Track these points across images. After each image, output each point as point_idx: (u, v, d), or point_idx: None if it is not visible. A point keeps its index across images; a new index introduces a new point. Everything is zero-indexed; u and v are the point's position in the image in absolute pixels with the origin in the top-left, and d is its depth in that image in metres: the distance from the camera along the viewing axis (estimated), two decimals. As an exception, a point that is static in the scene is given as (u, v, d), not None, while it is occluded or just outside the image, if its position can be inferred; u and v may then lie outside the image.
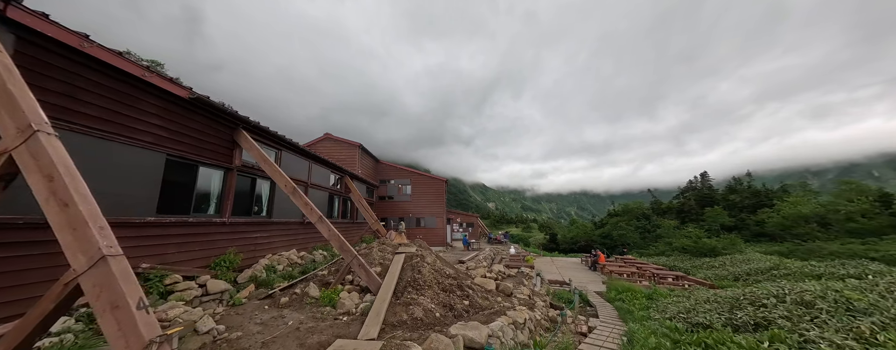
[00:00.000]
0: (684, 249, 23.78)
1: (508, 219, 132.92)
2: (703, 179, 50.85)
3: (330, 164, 10.35)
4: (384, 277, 5.80)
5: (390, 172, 24.71)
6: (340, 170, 11.48)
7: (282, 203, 7.54)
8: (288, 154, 7.67)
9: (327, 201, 10.26)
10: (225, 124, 5.79)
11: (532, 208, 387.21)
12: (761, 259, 17.21)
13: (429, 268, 6.25)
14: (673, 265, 20.60)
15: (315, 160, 8.98)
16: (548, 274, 18.38)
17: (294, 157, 8.02)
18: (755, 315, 5.01)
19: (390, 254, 7.34)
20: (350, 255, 5.54)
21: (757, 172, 53.08)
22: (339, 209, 11.76)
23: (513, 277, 12.63)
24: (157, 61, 21.14)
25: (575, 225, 64.18)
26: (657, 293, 9.66)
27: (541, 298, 9.22)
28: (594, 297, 11.52)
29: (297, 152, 8.07)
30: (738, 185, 47.46)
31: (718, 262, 18.71)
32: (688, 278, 14.27)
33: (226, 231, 5.68)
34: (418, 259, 6.74)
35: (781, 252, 20.53)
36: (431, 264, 6.58)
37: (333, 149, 19.05)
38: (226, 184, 5.83)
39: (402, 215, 24.11)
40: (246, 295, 5.13)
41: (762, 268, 14.73)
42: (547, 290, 11.83)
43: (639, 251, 32.05)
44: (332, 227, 5.60)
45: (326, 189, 10.07)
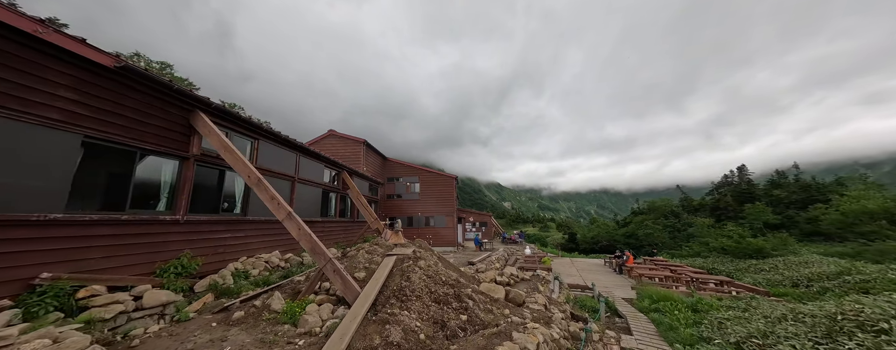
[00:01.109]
0: (724, 250, 21.17)
1: (524, 218, 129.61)
2: (740, 174, 46.41)
3: (323, 159, 9.48)
4: (366, 286, 4.74)
5: (398, 170, 23.88)
6: (336, 164, 10.61)
7: (261, 199, 6.71)
8: (267, 144, 6.80)
9: (321, 198, 9.42)
10: (176, 105, 4.94)
11: (549, 207, 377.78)
12: (823, 262, 14.70)
13: (420, 273, 5.12)
14: (712, 268, 18.27)
15: (304, 153, 8.12)
16: (567, 277, 16.75)
17: (276, 148, 7.14)
18: (875, 346, 3.48)
19: (381, 256, 6.28)
20: (323, 259, 4.52)
21: (794, 170, 47.71)
22: (337, 207, 10.90)
23: (527, 282, 11.25)
24: (181, 78, 21.39)
25: (596, 224, 60.97)
26: (703, 303, 7.99)
27: (559, 308, 7.85)
28: (623, 306, 9.93)
29: (280, 143, 7.20)
30: (782, 180, 42.84)
31: (768, 265, 16.26)
32: (734, 284, 12.24)
33: (179, 231, 4.81)
34: (410, 263, 5.63)
35: (845, 254, 17.63)
36: (425, 269, 5.44)
37: (338, 145, 18.41)
38: (181, 175, 4.98)
39: (411, 215, 23.19)
40: (198, 308, 4.23)
41: (827, 272, 12.39)
42: (566, 297, 10.37)
43: (669, 252, 29.33)
44: (302, 225, 4.60)
45: (319, 185, 9.23)
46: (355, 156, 18.15)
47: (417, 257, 5.98)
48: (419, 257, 6.01)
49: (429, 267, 5.61)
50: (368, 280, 5.10)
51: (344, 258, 6.39)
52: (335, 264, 4.53)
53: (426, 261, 6.03)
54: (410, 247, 7.76)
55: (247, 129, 6.30)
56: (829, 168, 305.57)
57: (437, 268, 7.11)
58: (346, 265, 5.72)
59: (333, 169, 10.66)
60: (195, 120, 5.11)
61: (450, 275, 7.45)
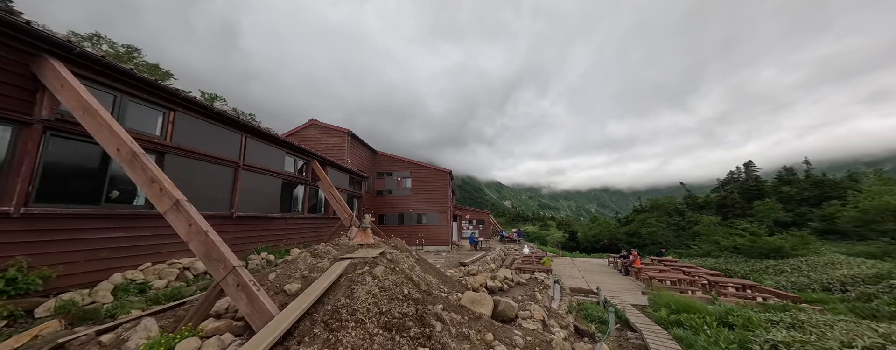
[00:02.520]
0: (737, 249, 19.81)
1: (525, 216, 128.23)
2: (747, 170, 44.89)
3: (284, 144, 8.07)
4: (290, 304, 3.36)
5: (389, 164, 22.49)
6: (303, 152, 9.20)
7: (190, 187, 5.31)
8: (189, 118, 5.19)
9: (281, 191, 8.02)
10: (13, 48, 3.47)
11: (549, 206, 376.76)
12: (851, 263, 13.30)
13: (371, 285, 3.73)
14: (726, 269, 16.89)
15: (253, 134, 6.70)
16: (569, 279, 15.37)
17: (205, 125, 5.56)
18: None
19: (333, 260, 4.87)
20: (221, 267, 3.13)
21: (800, 167, 46.30)
22: (306, 202, 9.50)
23: (523, 286, 9.87)
24: (153, 65, 19.80)
25: (597, 222, 59.57)
26: (734, 315, 6.59)
27: (560, 322, 6.47)
28: (636, 316, 8.55)
29: (212, 118, 5.70)
30: (791, 176, 41.34)
31: (789, 266, 14.89)
32: (759, 288, 10.84)
33: (12, 229, 3.37)
34: (364, 270, 4.23)
35: (871, 254, 16.25)
36: (381, 278, 4.05)
37: (320, 136, 17.01)
38: (16, 148, 3.56)
39: (402, 211, 21.82)
40: (16, 345, 2.81)
41: (862, 275, 11.00)
42: (569, 305, 8.99)
43: (676, 251, 27.93)
44: (196, 220, 3.21)
45: (279, 175, 7.82)
46: (339, 147, 16.76)
47: (375, 262, 4.59)
48: (378, 263, 4.61)
49: (387, 275, 4.21)
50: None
51: (276, 265, 4.99)
52: (240, 275, 3.13)
53: (387, 266, 4.64)
54: (379, 247, 6.36)
55: (149, 93, 4.72)
56: (831, 166, 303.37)
57: (409, 274, 5.74)
58: (278, 274, 4.32)
59: (300, 157, 9.26)
60: (42, 70, 3.61)
61: (429, 281, 6.07)
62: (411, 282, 5.61)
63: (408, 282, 4.48)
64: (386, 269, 4.35)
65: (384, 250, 6.38)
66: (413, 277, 5.95)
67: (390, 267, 5.57)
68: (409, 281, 5.70)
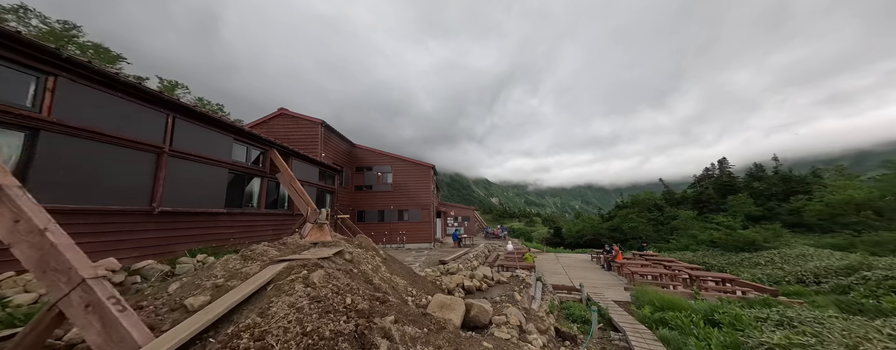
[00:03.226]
0: (714, 243, 20.26)
1: (511, 213, 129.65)
2: (721, 166, 46.72)
3: (231, 128, 6.98)
4: (176, 327, 2.50)
5: (369, 158, 21.44)
6: (257, 139, 8.13)
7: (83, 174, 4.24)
8: (80, 87, 3.99)
9: (228, 183, 6.96)
10: None
11: (535, 203, 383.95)
12: (821, 255, 13.65)
13: (298, 296, 2.93)
14: (703, 262, 17.13)
15: (186, 114, 5.58)
16: (552, 275, 15.05)
17: (110, 98, 4.34)
18: None
19: (267, 264, 4.01)
20: (63, 282, 2.22)
21: (769, 163, 49.11)
22: (263, 196, 8.46)
23: (504, 285, 9.30)
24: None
25: (581, 218, 60.64)
26: (721, 312, 6.25)
27: (540, 325, 5.89)
28: (619, 314, 8.16)
29: (118, 89, 4.54)
30: (761, 172, 43.34)
31: (763, 259, 15.21)
32: (738, 282, 10.81)
33: None
34: (297, 276, 3.41)
35: (837, 245, 16.93)
36: (317, 285, 3.24)
37: (290, 127, 15.76)
38: None
39: (383, 208, 20.88)
40: None
41: (834, 267, 11.20)
42: (550, 305, 8.49)
43: (656, 245, 28.53)
44: (26, 213, 2.26)
45: (225, 164, 6.73)
46: (311, 139, 15.59)
47: (317, 265, 3.77)
48: (320, 266, 3.79)
49: (328, 282, 3.40)
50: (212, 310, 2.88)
51: (174, 275, 4.06)
52: (93, 291, 2.24)
53: (339, 269, 3.83)
54: (336, 246, 5.53)
55: (10, 50, 3.55)
56: (795, 163, 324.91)
57: (370, 276, 4.96)
58: (184, 283, 3.43)
59: (255, 145, 8.19)
60: None
61: (395, 283, 5.30)
62: (370, 286, 4.84)
63: (356, 289, 3.70)
64: (328, 275, 3.55)
65: (342, 249, 5.56)
66: (374, 280, 5.17)
67: (346, 269, 4.77)
68: (369, 285, 4.93)
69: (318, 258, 4.51)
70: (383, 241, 20.03)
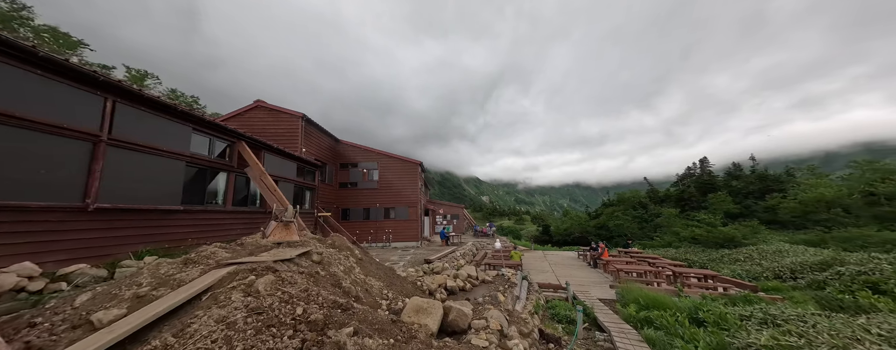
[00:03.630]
0: (695, 240, 20.74)
1: (501, 211, 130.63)
2: (702, 166, 48.25)
3: (189, 117, 6.33)
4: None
5: (354, 154, 20.77)
6: (221, 130, 7.46)
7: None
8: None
9: (186, 177, 6.27)
10: None
11: (525, 201, 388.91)
12: (796, 251, 14.07)
13: (231, 309, 2.49)
14: (686, 258, 17.45)
15: (127, 97, 4.89)
16: (539, 274, 14.94)
17: (20, 73, 3.65)
18: None
19: (212, 268, 3.51)
20: None
21: (746, 163, 51.71)
22: (230, 192, 7.82)
23: (488, 284, 9.03)
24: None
25: (568, 216, 61.55)
26: (705, 310, 6.15)
27: (522, 328, 5.60)
28: (604, 313, 8.02)
29: (33, 64, 3.81)
30: (739, 171, 45.00)
31: (742, 255, 15.59)
32: (720, 278, 10.93)
33: None
34: (238, 283, 2.95)
35: (810, 241, 17.59)
36: (262, 294, 2.81)
37: (267, 121, 14.95)
38: None
39: (369, 206, 20.29)
40: None
41: (809, 262, 11.50)
42: (536, 305, 8.27)
43: (641, 243, 29.09)
44: None
45: (179, 156, 6.07)
46: (291, 133, 14.84)
47: (269, 269, 3.31)
48: (274, 269, 3.33)
49: (277, 289, 2.96)
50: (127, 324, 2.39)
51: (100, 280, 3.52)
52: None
53: (267, 279, 3.36)
54: (303, 246, 5.06)
55: None
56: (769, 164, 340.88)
57: (340, 278, 4.53)
58: (98, 293, 2.90)
59: (219, 137, 7.54)
60: None
61: (368, 285, 4.91)
62: (337, 290, 4.40)
63: (315, 296, 3.27)
64: (279, 280, 3.09)
65: (309, 250, 5.09)
66: (344, 283, 4.74)
67: (311, 272, 4.32)
68: (336, 289, 4.49)
69: (278, 260, 4.04)
70: (369, 240, 19.49)
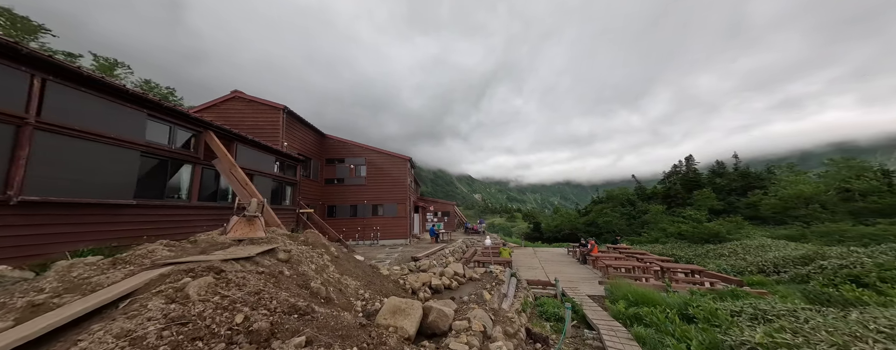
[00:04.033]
0: (681, 235, 21.06)
1: (493, 209, 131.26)
2: (688, 163, 49.37)
3: (143, 101, 5.70)
4: None
5: (340, 150, 20.11)
6: (183, 118, 6.85)
7: None
8: None
9: (142, 169, 5.66)
10: None
11: (517, 199, 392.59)
12: (777, 245, 14.34)
13: (140, 321, 2.02)
14: (672, 254, 17.64)
15: (61, 75, 4.24)
16: (528, 270, 14.77)
17: None
18: None
19: (143, 269, 3.02)
20: None
21: (729, 161, 53.60)
22: (195, 185, 7.20)
23: (476, 282, 8.72)
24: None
25: (559, 213, 62.16)
26: (694, 306, 5.99)
27: (508, 328, 5.30)
28: (593, 310, 7.83)
29: None
30: (722, 169, 46.26)
31: (727, 250, 15.83)
32: (706, 273, 10.96)
33: None
34: (161, 290, 2.48)
35: (791, 236, 18.06)
36: (193, 299, 2.35)
37: (246, 112, 14.18)
38: None
39: (356, 202, 19.71)
40: None
41: (791, 257, 11.67)
42: (524, 302, 8.02)
43: (629, 239, 29.48)
44: None
45: (132, 145, 5.42)
46: (272, 126, 14.12)
47: (211, 269, 2.85)
48: (215, 270, 2.88)
49: (214, 292, 2.51)
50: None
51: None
52: None
53: (202, 282, 2.91)
54: (268, 243, 4.59)
55: None
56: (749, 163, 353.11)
57: (309, 278, 4.10)
58: None
59: (183, 125, 6.91)
60: None
61: (344, 285, 4.51)
62: (304, 291, 3.98)
63: (267, 299, 2.83)
64: (221, 283, 2.64)
65: (275, 248, 4.62)
66: (313, 284, 4.31)
67: (273, 272, 3.87)
68: (302, 290, 4.06)
69: (232, 259, 3.57)
70: (356, 238, 18.95)
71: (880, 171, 22.87)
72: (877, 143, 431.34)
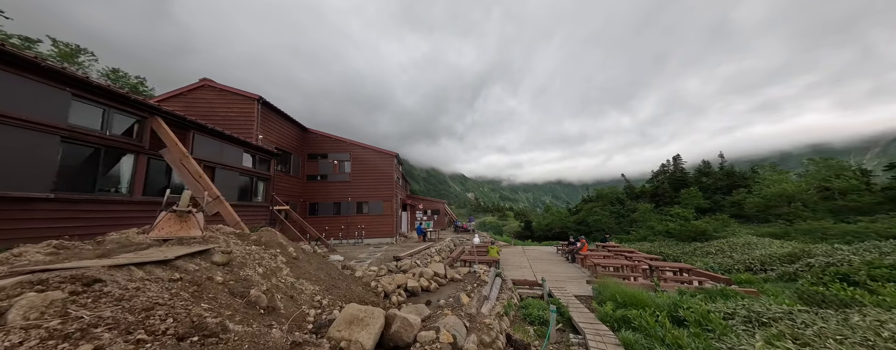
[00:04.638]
0: (668, 233, 21.08)
1: (485, 208, 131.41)
2: (675, 163, 50.16)
3: (53, 73, 4.92)
4: None
5: (323, 144, 19.26)
6: (123, 100, 6.05)
7: None
8: None
9: (65, 158, 4.89)
10: None
11: (509, 198, 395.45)
12: (762, 243, 14.33)
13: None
14: (660, 252, 17.54)
15: None
16: (516, 269, 14.34)
17: None
18: None
19: None
20: None
21: (715, 160, 55.20)
22: (138, 178, 6.40)
23: (457, 283, 8.19)
24: None
25: (549, 212, 62.41)
26: (685, 306, 5.60)
27: (485, 335, 4.77)
28: (580, 312, 7.39)
29: None
30: (708, 169, 47.13)
31: (713, 248, 15.79)
32: (695, 271, 10.73)
33: None
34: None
35: (775, 234, 18.23)
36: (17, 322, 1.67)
37: (216, 103, 13.21)
38: None
39: (340, 200, 18.91)
40: None
41: (777, 254, 11.58)
42: (507, 303, 7.52)
43: (618, 237, 29.53)
44: None
45: (51, 129, 4.65)
46: (245, 118, 13.21)
47: (77, 279, 2.20)
48: (84, 278, 2.22)
49: (54, 316, 1.85)
50: None
51: None
52: None
53: (135, 285, 2.28)
54: (201, 244, 3.92)
55: None
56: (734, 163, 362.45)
57: (246, 286, 3.49)
58: None
59: (122, 109, 6.10)
60: None
61: (299, 289, 3.90)
62: (237, 301, 3.35)
63: (151, 316, 2.20)
64: (94, 297, 2.00)
65: (209, 249, 3.96)
66: (253, 291, 3.67)
67: (195, 279, 3.22)
68: (234, 299, 3.42)
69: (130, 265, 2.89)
70: (339, 236, 18.19)
71: (859, 171, 23.44)
72: (850, 144, 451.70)
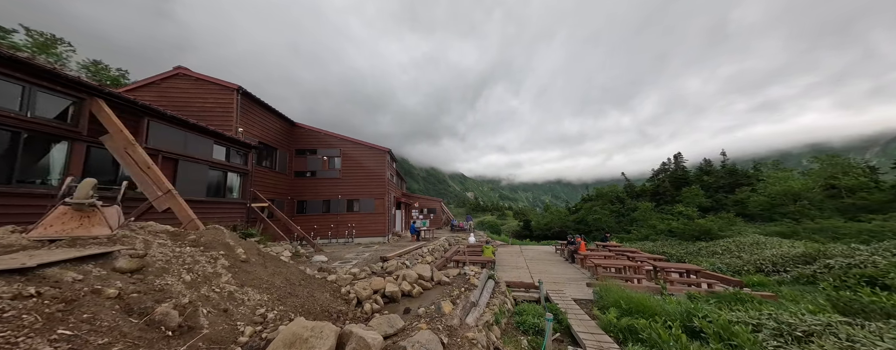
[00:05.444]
0: (671, 232, 20.32)
1: (484, 207, 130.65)
2: (676, 161, 49.39)
3: None
4: None
5: (312, 140, 18.47)
6: (49, 76, 5.26)
7: None
8: None
9: None
10: None
11: (509, 197, 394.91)
12: (771, 242, 13.57)
13: None
14: (663, 252, 16.77)
15: None
16: (512, 270, 13.55)
17: None
18: None
19: None
20: None
21: (716, 159, 54.45)
22: (72, 168, 5.61)
23: (445, 286, 7.40)
24: None
25: (549, 211, 61.68)
26: (700, 315, 4.82)
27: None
28: (579, 319, 6.61)
29: None
30: (709, 167, 46.38)
31: (719, 248, 15.03)
32: (704, 273, 9.96)
33: None
34: None
35: (783, 233, 17.49)
36: None
37: (192, 93, 12.39)
38: None
39: (329, 197, 18.13)
40: None
41: (790, 255, 10.82)
42: (498, 310, 6.75)
43: (618, 236, 28.79)
44: None
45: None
46: (223, 109, 12.39)
47: None
48: None
49: None
50: None
51: None
52: None
53: None
54: (105, 245, 3.13)
55: None
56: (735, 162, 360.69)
57: (159, 297, 2.72)
58: None
59: (51, 88, 5.29)
60: None
61: (240, 300, 3.12)
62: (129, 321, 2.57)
63: None
64: None
65: (114, 251, 3.16)
66: (160, 307, 2.87)
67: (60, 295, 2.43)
68: (134, 317, 2.65)
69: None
70: (329, 236, 17.42)
71: (867, 168, 22.72)
72: (850, 144, 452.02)
